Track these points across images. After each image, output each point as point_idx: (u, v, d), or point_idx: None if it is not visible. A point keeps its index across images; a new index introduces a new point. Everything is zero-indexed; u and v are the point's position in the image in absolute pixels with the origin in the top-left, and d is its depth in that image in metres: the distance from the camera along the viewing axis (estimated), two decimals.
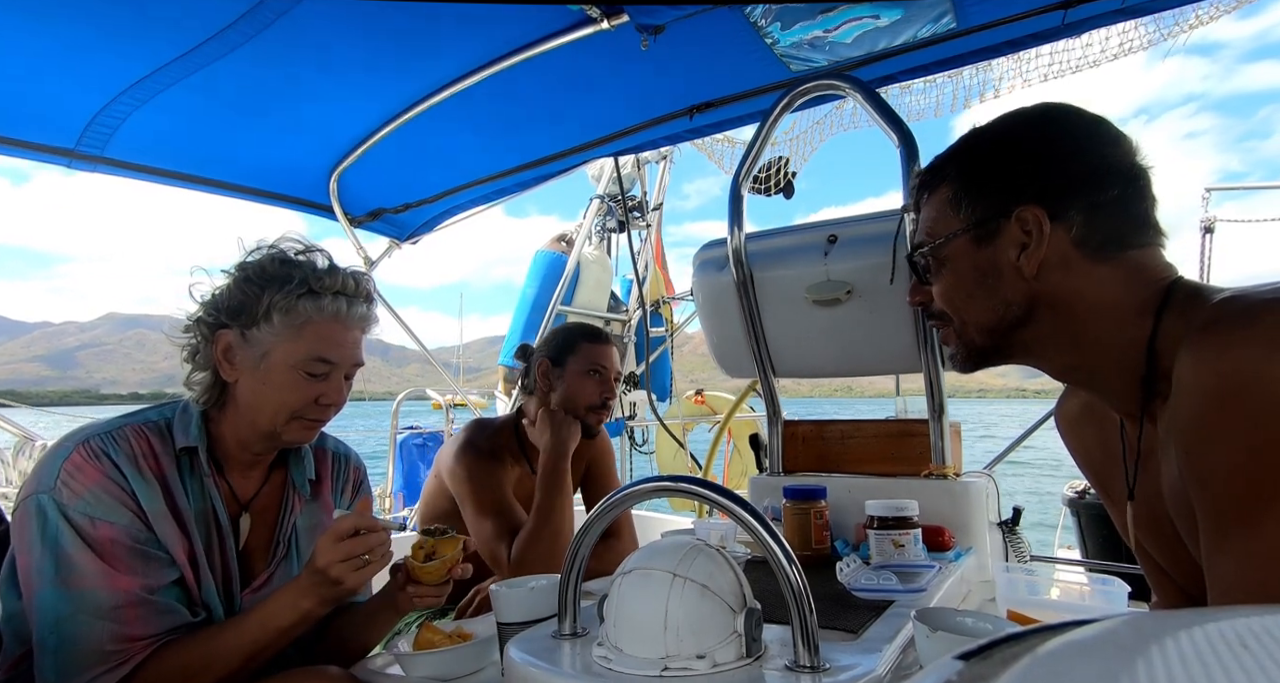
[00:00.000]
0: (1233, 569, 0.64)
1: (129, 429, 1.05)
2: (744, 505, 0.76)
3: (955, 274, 0.86)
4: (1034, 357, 0.86)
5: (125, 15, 1.40)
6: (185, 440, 1.08)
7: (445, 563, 1.12)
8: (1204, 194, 5.15)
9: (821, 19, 1.51)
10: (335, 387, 1.12)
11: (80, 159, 1.93)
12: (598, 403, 1.73)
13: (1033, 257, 0.79)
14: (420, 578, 1.12)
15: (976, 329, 0.86)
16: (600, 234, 4.76)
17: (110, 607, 0.95)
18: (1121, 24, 2.00)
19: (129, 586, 0.97)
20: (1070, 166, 0.80)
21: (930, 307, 0.91)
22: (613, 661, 0.77)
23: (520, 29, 1.58)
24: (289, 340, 1.08)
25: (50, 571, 0.94)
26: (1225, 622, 0.22)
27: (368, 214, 2.63)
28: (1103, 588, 1.17)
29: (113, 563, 0.96)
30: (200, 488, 1.09)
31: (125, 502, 0.99)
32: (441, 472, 1.77)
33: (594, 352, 1.74)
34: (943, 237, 0.86)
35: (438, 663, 1.05)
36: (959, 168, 0.86)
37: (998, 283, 0.82)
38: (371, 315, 1.18)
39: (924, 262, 0.89)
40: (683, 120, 1.98)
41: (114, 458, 1.00)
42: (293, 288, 1.09)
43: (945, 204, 0.86)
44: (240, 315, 1.09)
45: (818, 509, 1.40)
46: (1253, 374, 0.62)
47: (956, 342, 0.89)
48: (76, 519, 0.96)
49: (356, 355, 1.15)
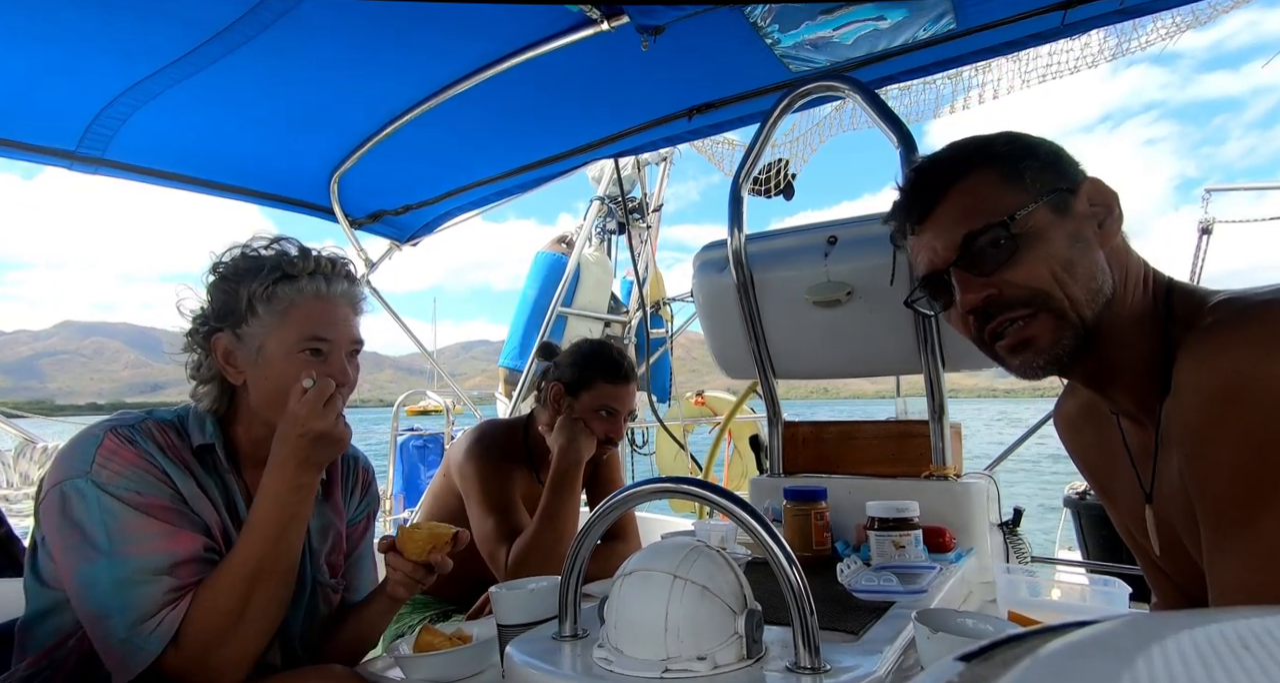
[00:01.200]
0: (1233, 569, 0.64)
1: (150, 423, 1.07)
2: (744, 507, 0.76)
3: (1049, 244, 0.76)
4: (1096, 350, 0.78)
5: (125, 17, 1.40)
6: (201, 439, 1.09)
7: (432, 536, 1.13)
8: (1203, 194, 5.16)
9: (822, 20, 1.51)
10: (338, 366, 1.11)
11: (81, 161, 1.93)
12: (604, 439, 1.69)
13: (1113, 227, 0.77)
14: (403, 546, 1.13)
15: (1084, 303, 0.76)
16: (600, 235, 4.77)
17: (171, 564, 0.97)
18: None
19: (190, 542, 0.99)
20: (1069, 159, 0.82)
21: (1002, 297, 0.78)
22: (613, 662, 0.77)
23: (520, 30, 1.58)
24: (278, 328, 1.08)
25: (104, 544, 0.95)
26: (1226, 623, 0.22)
27: (368, 216, 2.63)
28: (1103, 589, 1.17)
29: (172, 522, 0.99)
30: (222, 483, 1.10)
31: (164, 481, 1.01)
32: (451, 469, 1.76)
33: (609, 394, 1.68)
34: (1016, 209, 0.77)
35: (438, 665, 1.05)
36: (992, 153, 0.81)
37: (1089, 250, 0.77)
38: (357, 293, 1.18)
39: (993, 243, 0.77)
40: (682, 121, 1.98)
41: (144, 445, 1.02)
42: (265, 275, 1.08)
43: (997, 183, 0.79)
44: (227, 316, 1.09)
45: (818, 510, 1.40)
46: (1252, 374, 0.62)
47: (1058, 327, 0.77)
48: (123, 495, 0.97)
49: (351, 332, 1.14)
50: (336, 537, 1.24)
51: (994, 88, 2.90)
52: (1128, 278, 0.79)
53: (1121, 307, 0.78)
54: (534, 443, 1.79)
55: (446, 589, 1.84)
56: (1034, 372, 0.80)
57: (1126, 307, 0.78)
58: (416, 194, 2.52)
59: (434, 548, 1.14)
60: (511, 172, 2.32)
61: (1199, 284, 0.83)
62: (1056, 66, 2.69)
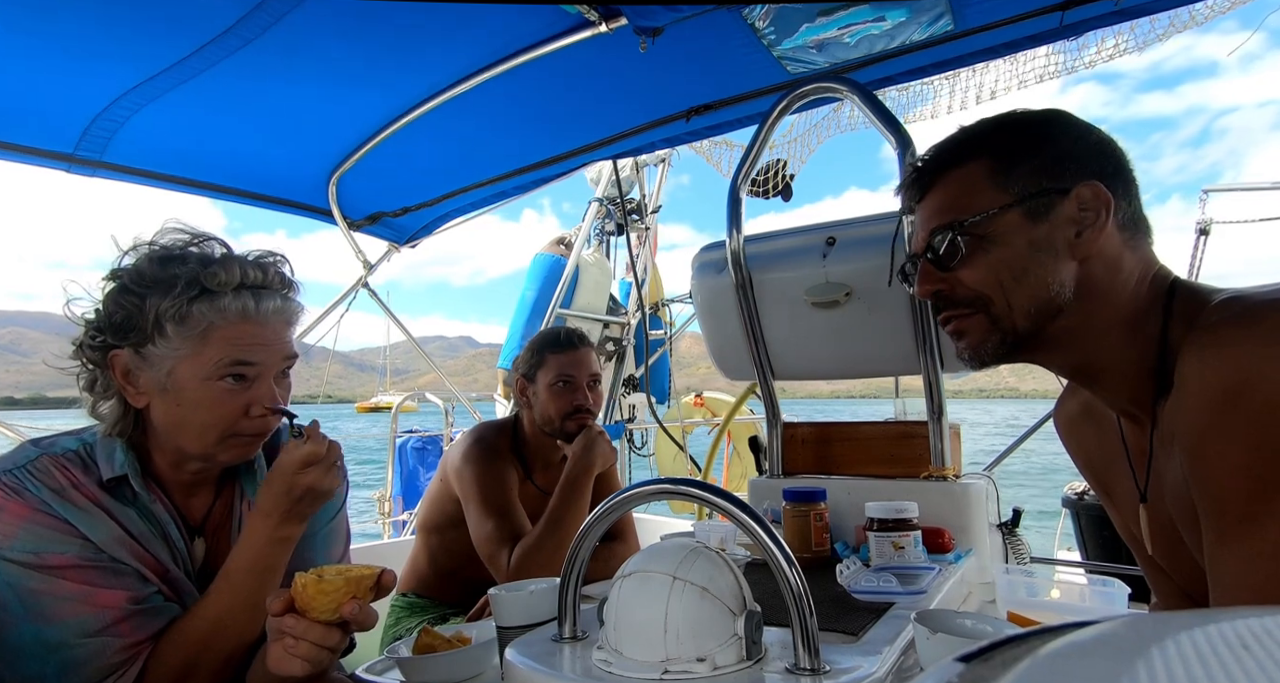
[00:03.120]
0: (1235, 569, 0.64)
1: (45, 460, 0.91)
2: (744, 508, 0.76)
3: (1005, 249, 0.78)
4: (1055, 351, 0.82)
5: (123, 19, 1.40)
6: (111, 471, 0.93)
7: (349, 583, 0.81)
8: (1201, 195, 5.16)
9: (820, 21, 1.51)
10: (265, 392, 0.96)
11: (79, 164, 1.93)
12: (570, 410, 1.70)
13: (1094, 234, 0.76)
14: (309, 605, 0.81)
15: (1023, 313, 0.78)
16: (599, 237, 4.77)
17: (101, 626, 0.87)
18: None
19: (115, 600, 0.88)
20: (1104, 149, 0.80)
21: (951, 293, 0.82)
22: (613, 664, 0.77)
23: (518, 32, 1.58)
24: (192, 352, 0.92)
25: (18, 610, 0.84)
26: (1226, 623, 0.22)
27: (366, 218, 2.63)
28: (1103, 589, 1.17)
29: (87, 583, 0.87)
30: (147, 513, 0.96)
31: (67, 532, 0.87)
32: (448, 473, 1.76)
33: (559, 361, 1.71)
34: (985, 211, 0.79)
35: (437, 667, 1.04)
36: (989, 147, 0.81)
37: (1051, 260, 0.77)
38: (291, 306, 1.00)
39: (952, 242, 0.80)
40: (680, 123, 1.98)
41: (36, 492, 0.88)
42: (179, 292, 0.91)
43: (981, 179, 0.80)
44: (128, 332, 0.92)
45: (817, 511, 1.39)
46: (1255, 374, 0.62)
47: (988, 330, 0.81)
48: (20, 559, 0.84)
49: (284, 350, 0.98)
50: None
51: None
52: (1118, 279, 0.78)
53: (1109, 307, 0.78)
54: (523, 443, 1.79)
55: (444, 593, 1.84)
56: (966, 362, 0.85)
57: (1117, 307, 0.78)
58: (415, 196, 2.52)
59: (353, 597, 0.82)
60: (510, 173, 2.33)
61: None
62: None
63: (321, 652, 0.82)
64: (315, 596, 0.80)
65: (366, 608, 0.83)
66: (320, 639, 0.81)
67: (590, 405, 1.73)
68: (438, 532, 1.82)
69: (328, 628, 0.81)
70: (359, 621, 0.82)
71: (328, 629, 0.81)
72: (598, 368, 1.79)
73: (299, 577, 0.82)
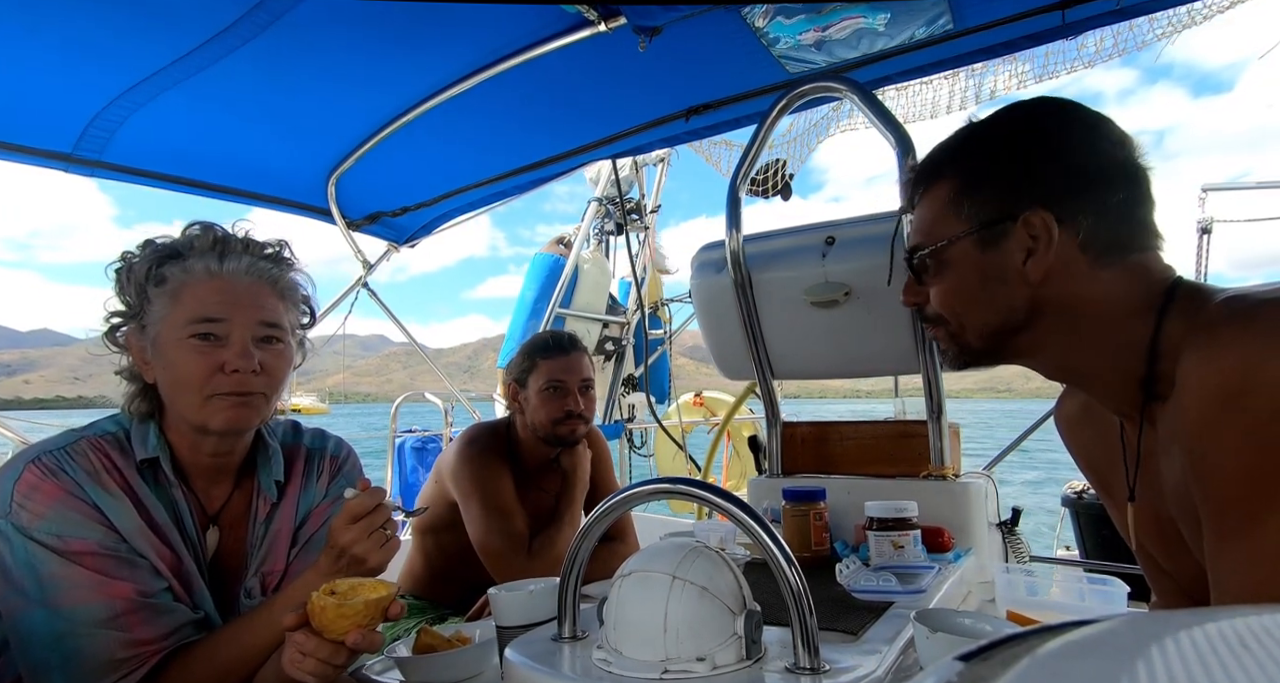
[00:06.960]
0: (1235, 569, 0.64)
1: (84, 443, 0.96)
2: (743, 507, 0.76)
3: (957, 278, 0.83)
4: (1029, 359, 0.85)
5: (122, 19, 1.39)
6: (145, 452, 0.99)
7: (369, 606, 0.85)
8: (1200, 194, 5.16)
9: (819, 20, 1.51)
10: (239, 350, 0.97)
11: (77, 163, 1.92)
12: (561, 416, 1.69)
13: (1039, 263, 0.77)
14: (327, 625, 0.83)
15: (975, 334, 0.84)
16: (598, 237, 4.77)
17: (109, 616, 0.89)
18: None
19: (124, 592, 0.91)
20: (1075, 168, 0.77)
21: (925, 308, 0.89)
22: (612, 664, 0.77)
23: (517, 32, 1.58)
24: (168, 312, 0.98)
25: (35, 592, 0.88)
26: (1226, 622, 0.22)
27: (366, 218, 2.63)
28: (1102, 589, 1.17)
29: (101, 572, 0.90)
30: (168, 500, 1.01)
31: (94, 517, 0.91)
32: (443, 475, 1.76)
33: (550, 367, 1.71)
34: (944, 239, 0.83)
35: (437, 667, 1.04)
36: (959, 165, 0.83)
37: (1001, 288, 0.80)
38: (268, 269, 1.04)
39: (922, 262, 0.86)
40: (680, 122, 1.98)
41: (72, 474, 0.92)
42: (151, 255, 0.99)
43: (945, 204, 0.83)
44: (128, 308, 1.01)
45: (817, 511, 1.39)
46: (1255, 374, 0.62)
47: (950, 343, 0.87)
48: (45, 540, 0.88)
49: (261, 313, 1.01)
50: (277, 550, 1.12)
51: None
52: (1086, 296, 0.77)
53: (1081, 320, 0.78)
54: (516, 446, 1.79)
55: (441, 595, 1.84)
56: (948, 365, 0.91)
57: (1091, 318, 0.77)
58: (414, 196, 2.52)
59: (370, 619, 0.85)
60: (509, 173, 2.33)
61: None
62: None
63: (329, 668, 0.85)
64: (335, 619, 0.83)
65: (371, 635, 0.86)
66: (329, 657, 0.85)
67: (581, 411, 1.72)
68: (433, 534, 1.81)
69: (336, 646, 0.85)
70: (364, 648, 0.86)
71: (337, 647, 0.85)
72: (590, 372, 1.78)
73: (315, 597, 0.84)
